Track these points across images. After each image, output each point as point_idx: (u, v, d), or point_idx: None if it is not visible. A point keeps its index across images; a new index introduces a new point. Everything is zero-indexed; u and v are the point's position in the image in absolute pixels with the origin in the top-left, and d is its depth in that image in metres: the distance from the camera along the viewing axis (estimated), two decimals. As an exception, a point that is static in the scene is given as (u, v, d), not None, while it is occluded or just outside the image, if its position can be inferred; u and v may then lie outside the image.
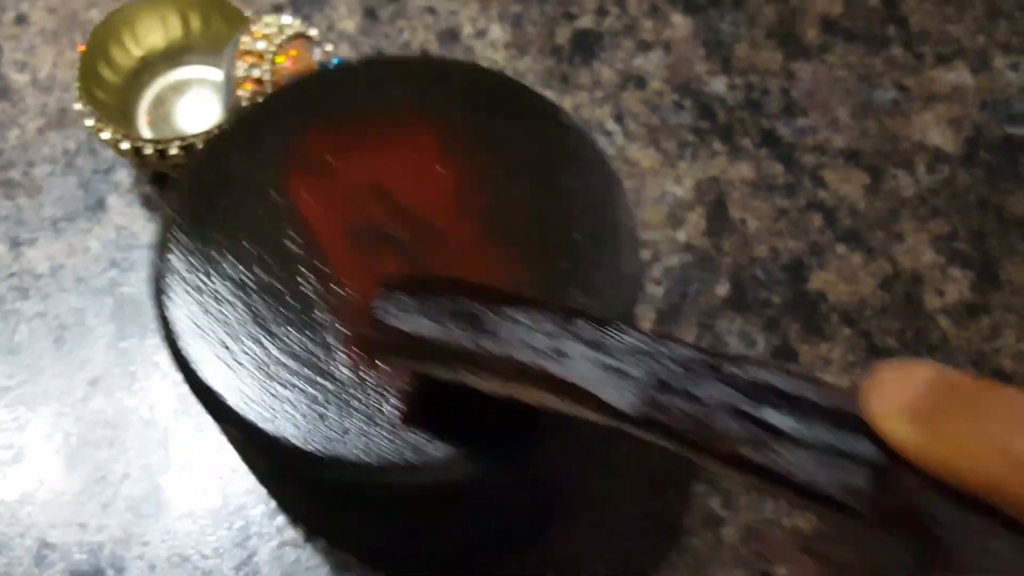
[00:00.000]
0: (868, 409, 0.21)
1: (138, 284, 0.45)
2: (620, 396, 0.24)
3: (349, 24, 0.52)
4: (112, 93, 0.45)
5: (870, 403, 0.21)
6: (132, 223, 0.46)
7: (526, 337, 0.25)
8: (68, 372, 0.43)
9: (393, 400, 0.30)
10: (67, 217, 0.46)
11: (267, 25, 0.41)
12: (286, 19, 0.42)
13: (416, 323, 0.27)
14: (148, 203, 0.46)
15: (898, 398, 0.20)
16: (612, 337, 0.25)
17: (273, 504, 0.40)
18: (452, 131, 0.35)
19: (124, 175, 0.47)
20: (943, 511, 0.19)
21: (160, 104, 0.46)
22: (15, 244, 0.46)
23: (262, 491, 0.41)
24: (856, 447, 0.21)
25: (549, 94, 0.50)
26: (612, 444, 0.42)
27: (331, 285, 0.31)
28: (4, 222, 0.46)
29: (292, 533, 0.40)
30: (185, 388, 0.42)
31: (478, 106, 0.35)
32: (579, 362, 0.24)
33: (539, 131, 0.35)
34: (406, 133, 0.35)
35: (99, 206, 0.46)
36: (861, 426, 0.21)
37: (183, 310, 0.31)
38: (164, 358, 0.43)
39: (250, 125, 0.34)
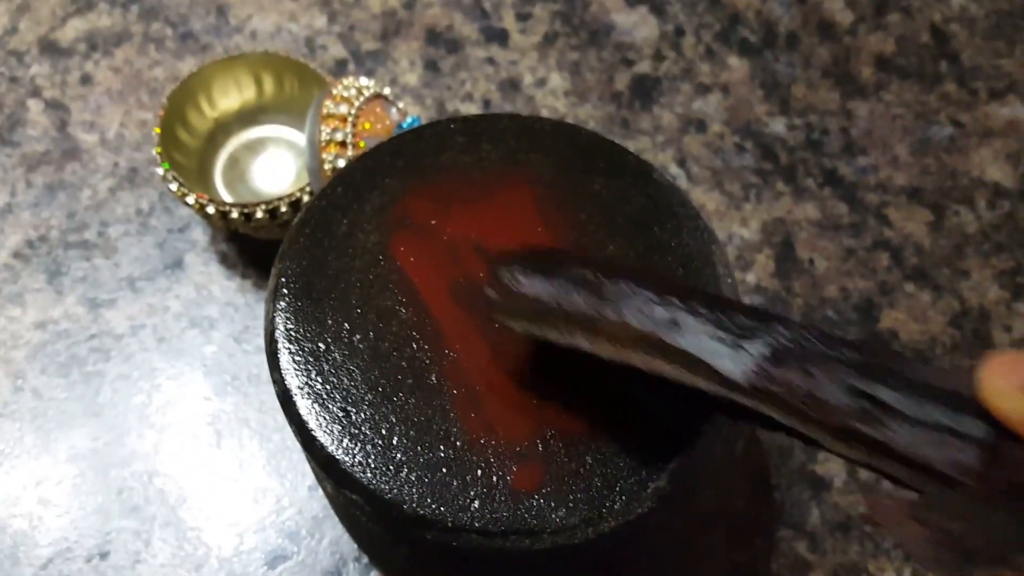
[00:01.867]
0: (983, 388, 0.22)
1: (219, 343, 0.45)
2: (732, 366, 0.24)
3: (412, 77, 0.53)
4: (189, 155, 0.45)
5: (985, 383, 0.22)
6: (210, 282, 0.47)
7: (643, 307, 0.26)
8: (152, 433, 0.43)
9: (512, 464, 0.30)
10: (145, 277, 0.47)
11: (346, 88, 0.42)
12: (364, 80, 0.43)
13: (538, 287, 0.28)
14: (225, 261, 0.47)
15: (1013, 379, 0.21)
16: (727, 312, 0.26)
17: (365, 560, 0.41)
18: (547, 189, 0.35)
19: (200, 233, 0.48)
20: None
21: (235, 163, 0.47)
22: (93, 305, 0.46)
23: (353, 551, 0.41)
24: (967, 426, 0.22)
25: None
26: (695, 491, 0.42)
27: (442, 349, 0.32)
28: (81, 283, 0.47)
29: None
30: (272, 446, 0.43)
31: (571, 164, 0.36)
32: (693, 333, 0.25)
33: (632, 189, 0.35)
34: (502, 192, 0.35)
35: (177, 265, 0.47)
36: (972, 406, 0.22)
37: (300, 377, 0.31)
38: (252, 416, 0.43)
39: (351, 187, 0.35)
